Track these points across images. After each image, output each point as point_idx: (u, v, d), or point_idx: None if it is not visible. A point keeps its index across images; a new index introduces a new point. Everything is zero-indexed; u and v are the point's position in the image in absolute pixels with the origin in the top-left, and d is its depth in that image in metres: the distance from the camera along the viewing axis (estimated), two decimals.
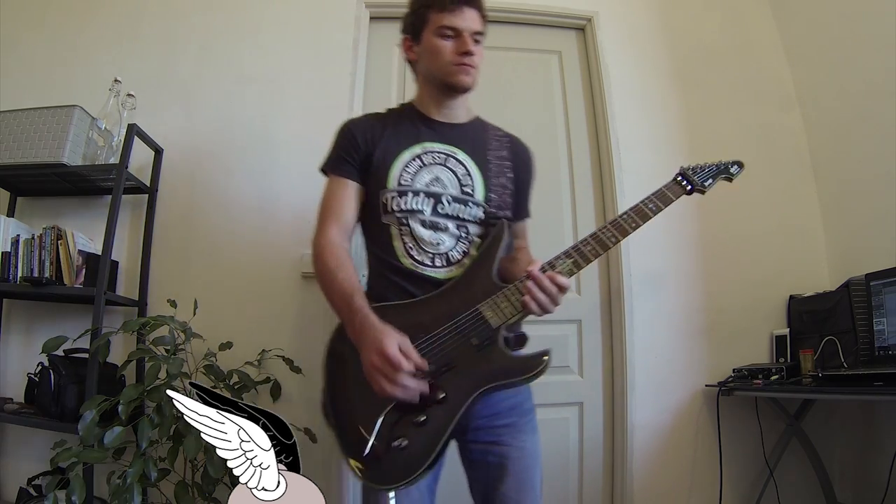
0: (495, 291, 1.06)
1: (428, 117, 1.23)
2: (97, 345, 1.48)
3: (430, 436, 0.98)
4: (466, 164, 1.19)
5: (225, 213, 1.86)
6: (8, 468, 1.70)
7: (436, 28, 1.17)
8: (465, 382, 1.00)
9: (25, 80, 1.95)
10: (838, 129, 2.03)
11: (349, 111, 1.94)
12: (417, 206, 1.13)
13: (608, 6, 2.17)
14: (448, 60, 1.17)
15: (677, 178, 1.20)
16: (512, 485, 1.09)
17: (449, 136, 1.22)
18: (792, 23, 2.22)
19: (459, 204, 1.16)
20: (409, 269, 1.12)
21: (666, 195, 1.16)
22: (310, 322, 1.78)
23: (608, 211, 2.00)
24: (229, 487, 1.44)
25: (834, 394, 1.62)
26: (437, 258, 1.13)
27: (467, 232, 1.16)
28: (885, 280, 1.60)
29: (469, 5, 1.18)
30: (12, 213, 1.83)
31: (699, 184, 1.20)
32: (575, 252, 1.07)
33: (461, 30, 1.16)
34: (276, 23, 2.04)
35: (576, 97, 2.13)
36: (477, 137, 1.24)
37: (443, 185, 1.16)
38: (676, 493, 1.84)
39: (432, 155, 1.19)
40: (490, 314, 1.04)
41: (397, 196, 1.14)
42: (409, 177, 1.15)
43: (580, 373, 1.93)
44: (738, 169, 1.26)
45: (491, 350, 1.03)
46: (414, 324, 1.03)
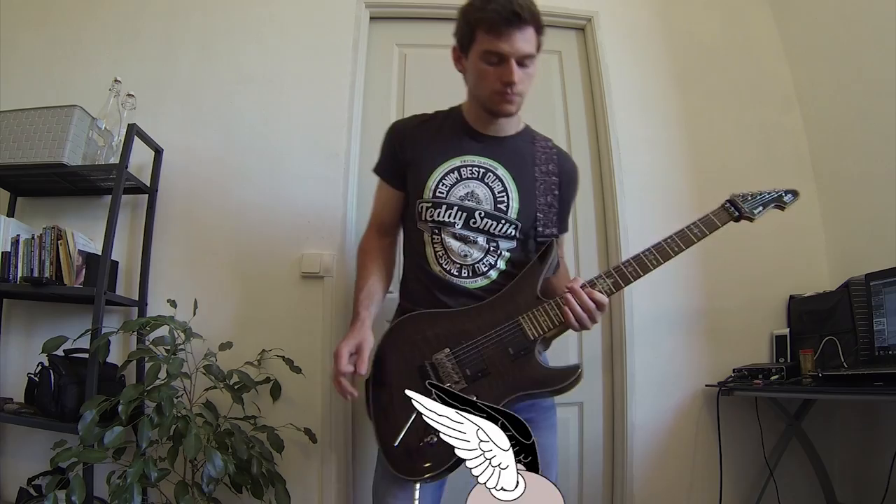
0: (536, 306, 1.11)
1: (472, 128, 1.23)
2: (97, 345, 1.48)
3: None
4: (505, 181, 1.20)
5: (225, 212, 1.86)
6: (8, 468, 1.70)
7: (481, 51, 1.11)
8: (496, 388, 1.06)
9: (25, 80, 1.95)
10: (838, 129, 2.03)
11: (349, 111, 1.94)
12: (450, 218, 1.17)
13: (608, 6, 2.17)
14: (490, 89, 1.13)
15: (725, 205, 1.20)
16: None
17: (491, 150, 1.21)
18: (792, 23, 2.22)
19: (492, 220, 1.18)
20: (437, 276, 1.17)
21: (712, 221, 1.17)
22: (310, 322, 1.78)
23: (608, 211, 2.00)
24: (229, 487, 1.46)
25: (834, 394, 1.62)
26: (465, 269, 1.18)
27: (497, 246, 1.19)
28: (885, 280, 1.60)
29: (521, 27, 1.08)
30: (12, 213, 1.83)
31: (748, 211, 1.20)
32: (616, 272, 1.12)
33: (508, 55, 1.09)
34: (276, 23, 2.04)
35: (576, 97, 2.13)
36: (522, 152, 1.24)
37: (477, 199, 1.18)
38: (676, 492, 1.84)
39: (471, 168, 1.19)
40: (528, 326, 1.09)
41: (431, 207, 1.18)
42: (444, 189, 1.18)
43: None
44: (791, 198, 1.24)
45: (525, 361, 1.08)
46: (459, 331, 1.10)
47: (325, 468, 1.70)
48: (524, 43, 1.09)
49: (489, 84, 1.13)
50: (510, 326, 1.09)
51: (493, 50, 1.09)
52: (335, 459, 1.71)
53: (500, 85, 1.11)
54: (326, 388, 1.74)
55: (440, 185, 1.18)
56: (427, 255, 1.19)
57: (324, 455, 1.70)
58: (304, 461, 1.70)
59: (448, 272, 1.17)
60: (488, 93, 1.14)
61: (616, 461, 1.86)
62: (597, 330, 1.96)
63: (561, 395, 1.09)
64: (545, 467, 1.12)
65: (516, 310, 1.11)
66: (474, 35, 1.11)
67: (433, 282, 1.18)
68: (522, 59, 1.11)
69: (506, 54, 1.09)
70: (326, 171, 1.87)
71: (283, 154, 1.91)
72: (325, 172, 1.86)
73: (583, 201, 2.04)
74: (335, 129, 1.92)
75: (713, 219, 1.17)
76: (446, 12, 2.09)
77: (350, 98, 1.95)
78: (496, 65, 1.10)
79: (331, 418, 1.72)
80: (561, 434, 1.86)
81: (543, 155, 1.24)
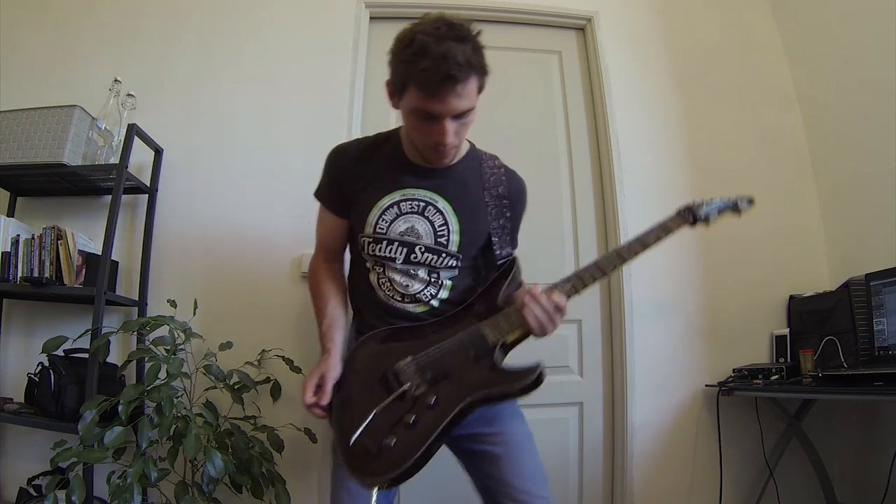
0: (497, 312, 1.12)
1: (411, 161, 1.18)
2: (97, 345, 1.48)
3: (417, 436, 1.04)
4: (445, 213, 1.17)
5: (224, 213, 1.86)
6: (8, 468, 1.70)
7: (411, 107, 1.03)
8: (456, 390, 1.07)
9: (25, 80, 1.95)
10: (838, 129, 2.03)
11: (349, 111, 1.94)
12: (391, 253, 1.17)
13: (608, 6, 2.17)
14: (424, 143, 1.09)
15: (681, 212, 1.20)
16: (506, 468, 1.13)
17: (431, 182, 1.18)
18: (792, 23, 2.22)
19: (432, 254, 1.17)
20: (382, 301, 1.19)
21: (668, 227, 1.17)
22: (310, 322, 1.76)
23: (608, 211, 2.01)
24: (229, 487, 1.46)
25: (834, 394, 1.62)
26: (406, 297, 1.19)
27: (438, 277, 1.19)
28: (885, 280, 1.60)
29: (456, 85, 0.98)
30: (12, 213, 1.83)
31: (702, 217, 1.20)
32: (575, 277, 1.12)
33: (440, 115, 1.01)
34: (275, 23, 2.04)
35: (576, 97, 2.13)
36: (466, 179, 1.20)
37: (417, 235, 1.17)
38: (676, 492, 1.84)
39: (410, 203, 1.17)
40: (489, 331, 1.10)
41: (373, 242, 1.18)
42: (385, 225, 1.17)
43: (580, 373, 1.93)
44: (747, 205, 1.25)
45: (485, 363, 1.08)
46: (422, 341, 1.12)
47: (324, 468, 1.70)
48: (460, 100, 1.00)
49: (421, 138, 1.08)
50: (471, 332, 1.11)
51: (426, 109, 1.01)
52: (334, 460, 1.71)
53: (432, 142, 1.06)
54: None
55: (380, 220, 1.16)
56: (371, 282, 1.21)
57: (324, 455, 1.70)
58: (304, 461, 1.70)
59: (392, 298, 1.19)
60: (420, 145, 1.11)
61: (616, 461, 1.86)
62: (597, 329, 1.96)
63: (523, 397, 1.07)
64: (519, 452, 1.15)
65: (477, 318, 1.13)
66: (405, 86, 1.02)
67: (378, 304, 1.20)
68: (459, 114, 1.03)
69: (440, 114, 1.01)
70: None
71: (282, 154, 1.91)
72: None
73: (583, 201, 2.04)
74: (335, 129, 1.92)
75: (668, 224, 1.18)
76: (446, 12, 2.10)
77: (350, 98, 1.95)
78: (428, 121, 1.03)
79: None
80: (561, 434, 1.89)
81: (492, 177, 1.21)
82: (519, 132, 2.05)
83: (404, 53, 1.00)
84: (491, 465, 1.14)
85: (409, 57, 0.99)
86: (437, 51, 0.96)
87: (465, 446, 1.18)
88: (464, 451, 1.19)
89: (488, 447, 1.15)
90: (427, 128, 1.04)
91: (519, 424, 1.20)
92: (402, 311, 1.18)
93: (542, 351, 1.29)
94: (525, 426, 1.21)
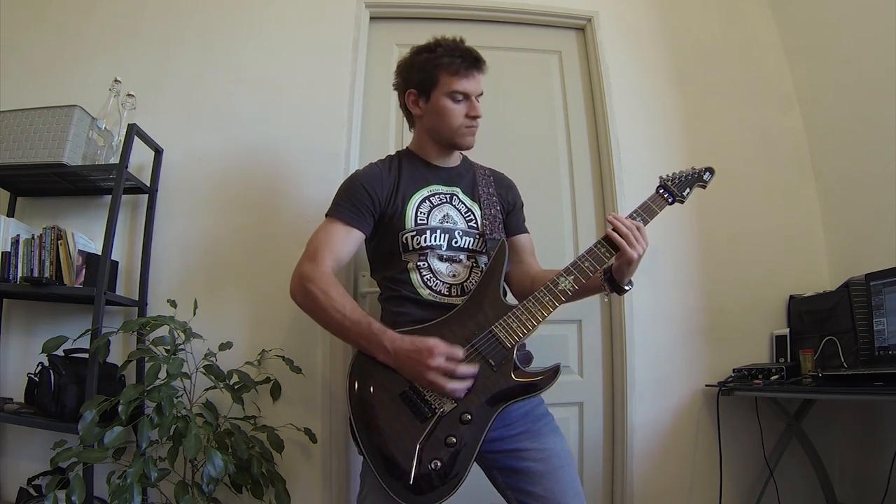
0: (506, 312, 1.14)
1: (429, 162, 1.36)
2: (97, 345, 1.48)
3: (462, 455, 1.06)
4: (466, 202, 1.34)
5: (225, 213, 1.86)
6: (8, 468, 1.70)
7: (448, 91, 1.25)
8: (486, 402, 1.09)
9: (25, 80, 1.95)
10: (838, 129, 2.03)
11: (349, 111, 1.94)
12: (435, 241, 1.24)
13: (608, 6, 2.17)
14: (459, 123, 1.28)
15: (659, 191, 1.27)
16: (549, 486, 1.12)
17: (449, 179, 1.35)
18: (792, 23, 2.22)
19: (469, 237, 1.28)
20: (427, 300, 1.21)
21: (651, 208, 1.23)
22: (310, 322, 1.76)
23: (608, 210, 2.00)
24: (229, 487, 1.46)
25: (834, 394, 1.61)
26: (454, 288, 1.23)
27: (476, 262, 1.28)
28: (885, 280, 1.60)
29: (478, 70, 1.27)
30: (12, 213, 1.83)
31: (678, 194, 1.27)
32: (574, 268, 1.17)
33: (471, 94, 1.26)
34: (275, 23, 2.04)
35: (576, 97, 2.13)
36: (468, 177, 1.39)
37: (453, 221, 1.29)
38: (676, 492, 1.84)
39: (439, 196, 1.32)
40: (504, 335, 1.11)
41: (416, 234, 1.24)
42: (423, 216, 1.26)
43: (580, 373, 1.93)
44: (710, 175, 1.33)
45: (507, 369, 1.11)
46: None
47: (324, 468, 1.70)
48: (479, 84, 1.29)
49: (456, 119, 1.27)
50: (485, 337, 1.11)
51: (461, 90, 1.25)
52: (335, 459, 1.71)
53: (468, 119, 1.28)
54: (326, 388, 1.74)
55: (418, 213, 1.27)
56: (413, 282, 1.23)
57: (324, 455, 1.70)
58: (304, 461, 1.70)
59: (438, 293, 1.22)
60: (456, 126, 1.28)
61: (616, 461, 1.86)
62: (597, 329, 1.96)
63: (544, 391, 1.14)
64: (563, 469, 1.15)
65: (487, 320, 1.13)
66: (437, 78, 1.26)
67: (423, 307, 1.21)
68: (477, 97, 1.29)
69: (471, 93, 1.27)
70: (326, 171, 1.86)
71: (282, 154, 1.91)
72: (325, 172, 1.86)
73: (583, 201, 2.04)
74: (335, 129, 1.92)
75: (652, 206, 1.23)
76: (446, 12, 2.10)
77: (350, 98, 1.95)
78: (463, 101, 1.27)
79: (331, 418, 1.72)
80: None
81: (482, 179, 1.39)
82: (519, 132, 2.05)
83: (428, 55, 1.27)
84: (532, 482, 1.13)
85: (436, 55, 1.26)
86: (457, 45, 1.28)
87: (505, 462, 1.16)
88: (502, 467, 1.17)
89: (531, 464, 1.14)
90: (460, 109, 1.27)
91: (561, 441, 1.21)
92: (449, 307, 1.19)
93: (542, 351, 1.30)
94: (566, 444, 1.22)
